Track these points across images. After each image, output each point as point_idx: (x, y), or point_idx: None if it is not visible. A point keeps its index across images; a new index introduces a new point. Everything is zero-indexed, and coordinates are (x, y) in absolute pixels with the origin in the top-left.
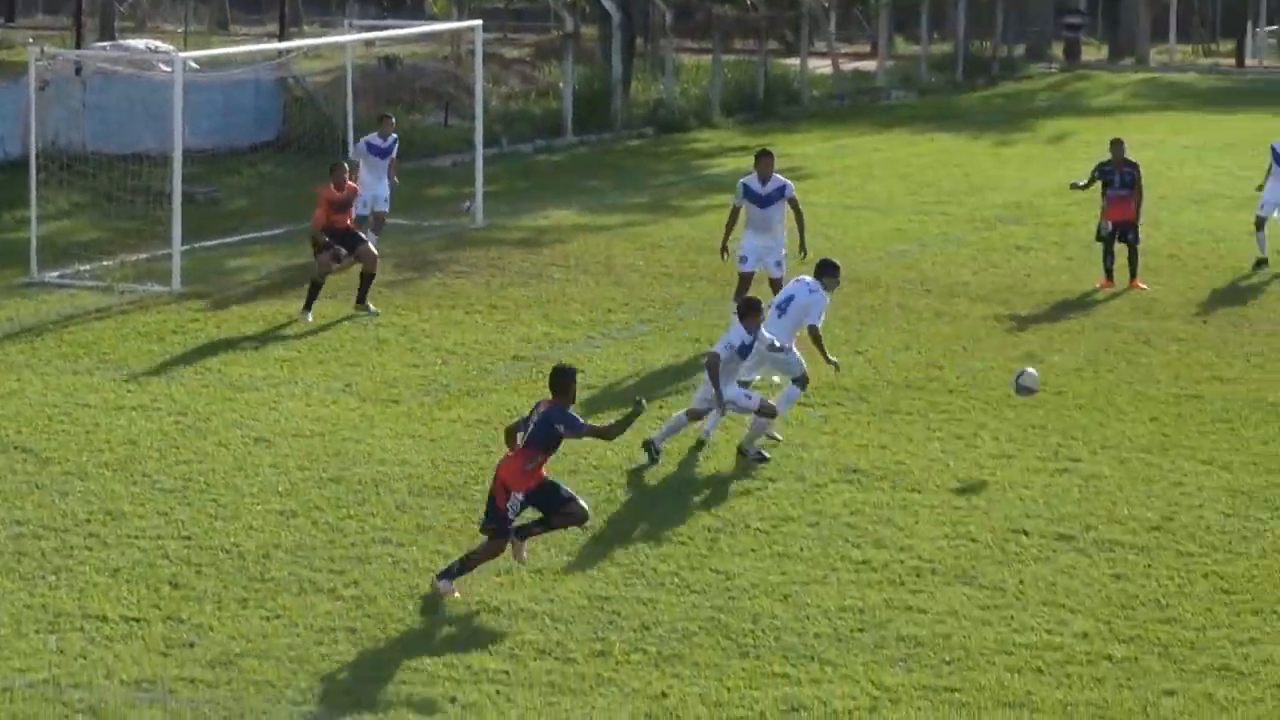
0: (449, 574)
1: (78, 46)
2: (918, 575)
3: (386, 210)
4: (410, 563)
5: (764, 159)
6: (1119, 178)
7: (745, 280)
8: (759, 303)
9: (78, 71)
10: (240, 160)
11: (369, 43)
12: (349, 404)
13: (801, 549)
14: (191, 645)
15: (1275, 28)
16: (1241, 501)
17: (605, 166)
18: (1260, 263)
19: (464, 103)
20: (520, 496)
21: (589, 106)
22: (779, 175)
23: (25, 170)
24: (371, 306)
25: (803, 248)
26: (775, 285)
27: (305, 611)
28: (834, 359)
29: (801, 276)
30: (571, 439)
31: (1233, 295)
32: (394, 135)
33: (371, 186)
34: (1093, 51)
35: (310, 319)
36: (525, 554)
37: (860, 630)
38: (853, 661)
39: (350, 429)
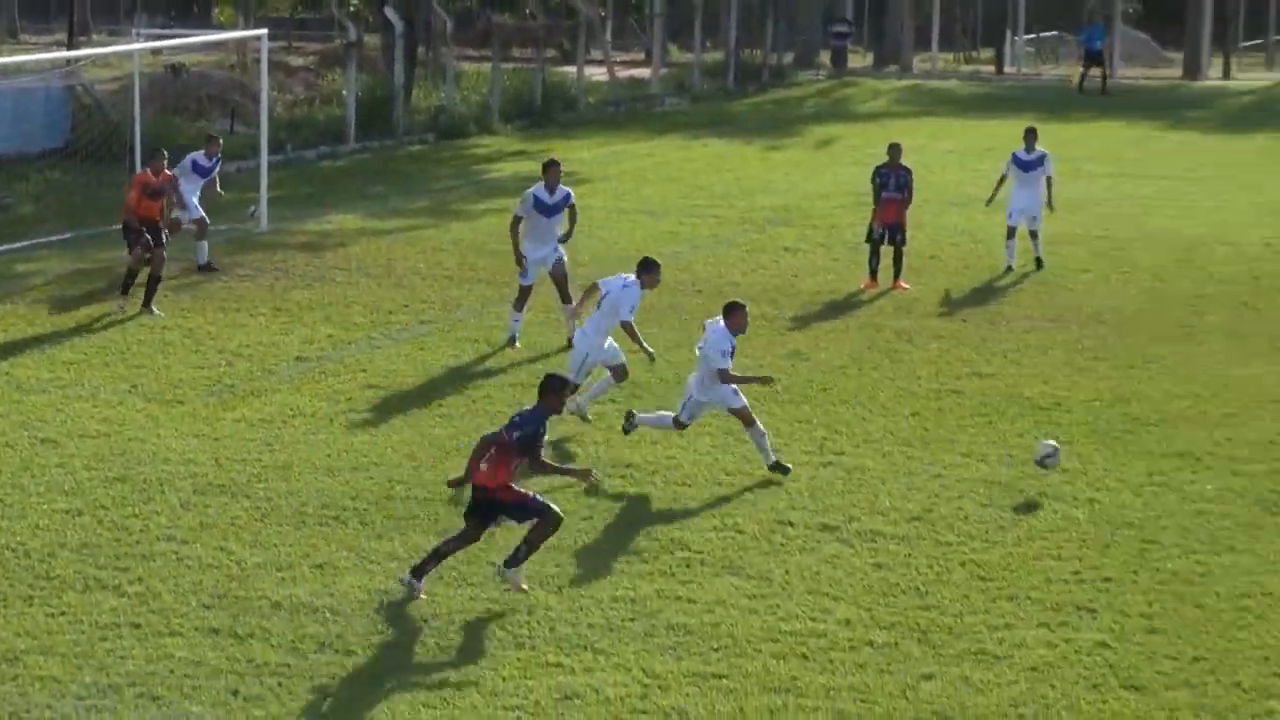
0: (513, 561)
1: None
2: (687, 566)
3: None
4: (194, 559)
5: (552, 168)
6: (894, 180)
7: (525, 292)
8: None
9: None
10: (29, 166)
11: (156, 51)
12: (135, 405)
13: (575, 542)
14: None
15: (1032, 36)
16: (998, 492)
17: (387, 172)
18: (1009, 269)
19: (249, 110)
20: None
21: (372, 113)
22: (561, 185)
23: None
24: (156, 310)
25: (565, 238)
26: (558, 279)
27: (90, 608)
28: (650, 349)
29: (621, 274)
30: (516, 442)
31: (990, 294)
32: (219, 156)
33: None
34: (859, 59)
35: (123, 306)
36: (523, 581)
37: (632, 620)
38: (624, 650)
39: (136, 429)
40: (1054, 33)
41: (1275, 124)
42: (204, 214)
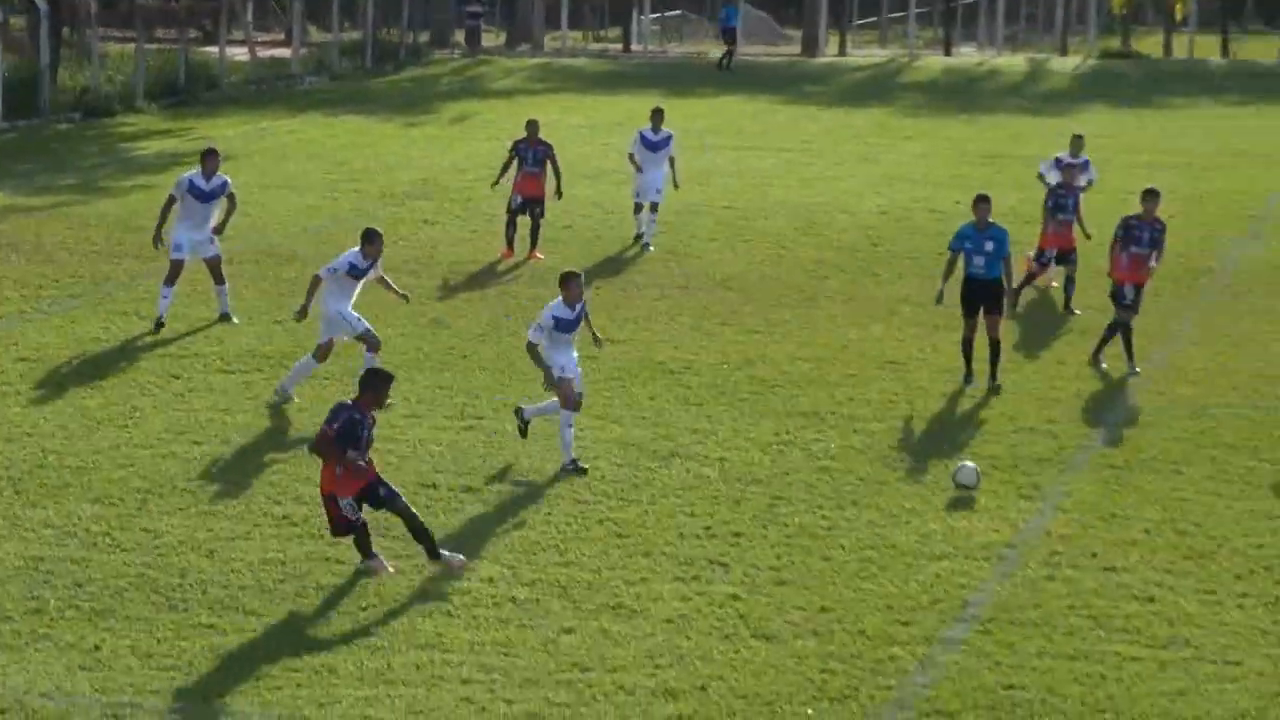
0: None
1: None
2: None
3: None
4: None
5: (210, 157)
6: (531, 155)
7: (177, 267)
8: (577, 275)
9: None
10: None
11: None
12: None
13: (227, 507)
14: None
15: (658, 15)
16: (632, 453)
17: (35, 151)
18: (639, 238)
19: None
20: (349, 500)
21: (18, 93)
22: (219, 173)
23: None
24: None
25: (220, 229)
26: (211, 265)
27: None
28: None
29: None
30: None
31: (621, 264)
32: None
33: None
34: (492, 39)
35: None
36: (458, 562)
37: (282, 581)
38: (276, 611)
39: None
40: (678, 12)
41: (888, 98)
42: None
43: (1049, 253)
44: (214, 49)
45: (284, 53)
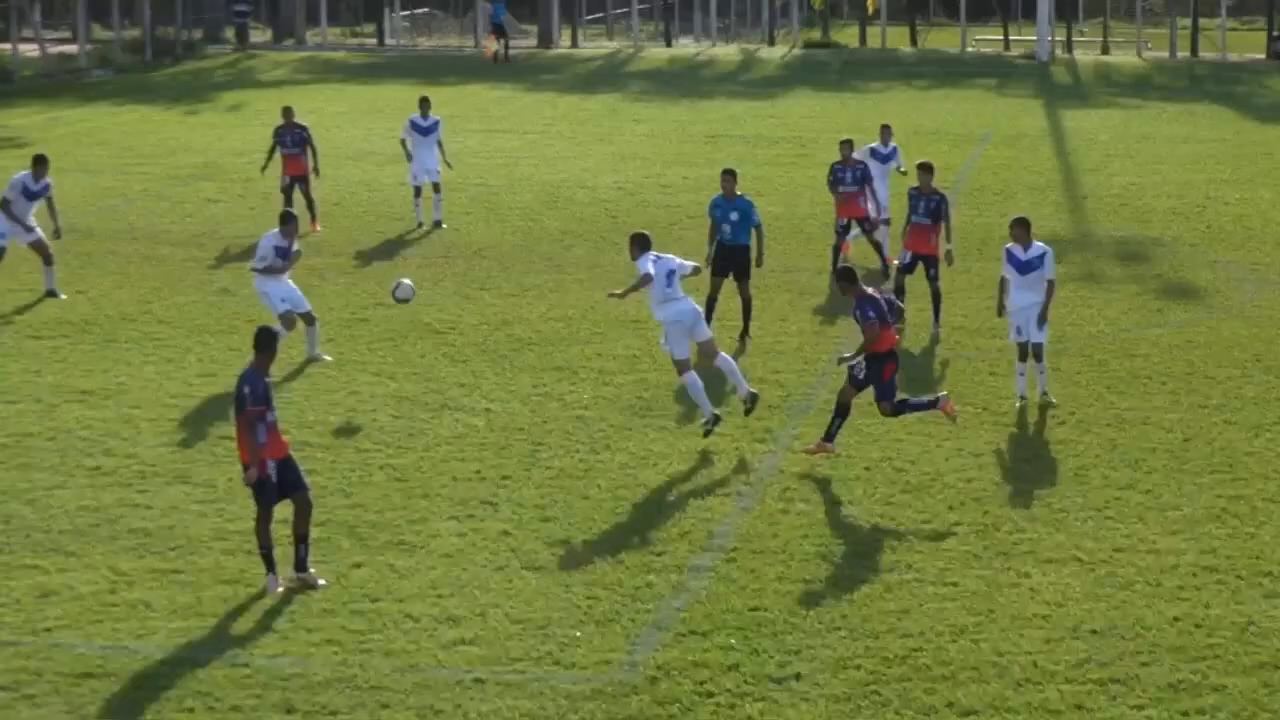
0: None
1: None
2: (143, 477)
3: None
4: None
5: (40, 163)
6: (289, 138)
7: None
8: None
9: None
10: None
11: None
12: None
13: (43, 460)
14: None
15: (408, 12)
16: (406, 406)
17: None
18: (434, 224)
19: None
20: (271, 464)
21: None
22: (49, 179)
23: None
24: None
25: (57, 233)
26: (39, 248)
27: None
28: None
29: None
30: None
31: (388, 237)
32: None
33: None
34: (260, 34)
35: None
36: (319, 584)
37: (97, 526)
38: (92, 552)
39: None
40: (426, 10)
41: (618, 85)
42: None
43: (841, 221)
44: (6, 45)
45: (71, 48)
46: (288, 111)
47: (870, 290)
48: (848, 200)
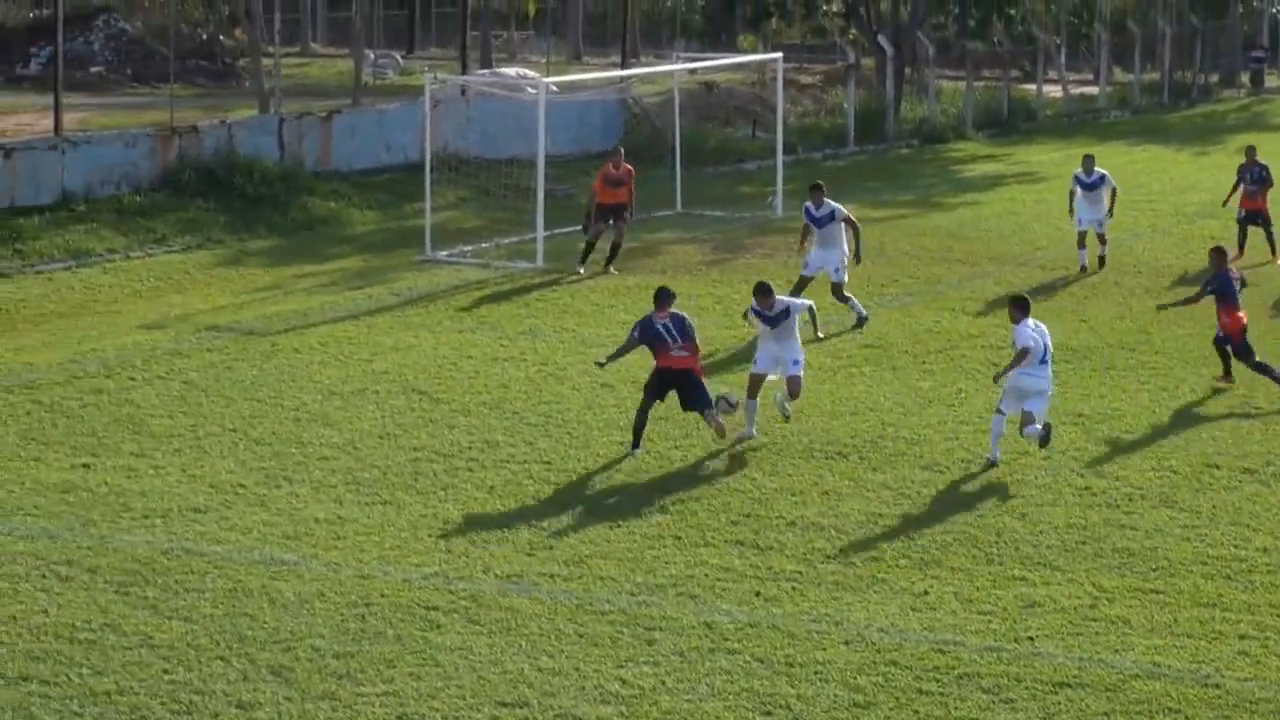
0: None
1: (463, 73)
2: (1129, 500)
3: (843, 280)
4: (724, 485)
5: (815, 191)
6: (1250, 174)
7: (804, 281)
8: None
9: (463, 93)
10: (590, 164)
11: (692, 70)
12: None
13: (1035, 478)
14: (550, 548)
15: None
16: None
17: (880, 171)
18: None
19: (768, 119)
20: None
21: (867, 122)
22: (830, 202)
23: (422, 171)
24: (614, 270)
25: (859, 256)
26: (836, 289)
27: (641, 523)
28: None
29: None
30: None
31: None
32: (829, 204)
33: (820, 256)
34: (1274, 80)
35: (583, 271)
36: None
37: (1083, 543)
38: (1077, 568)
39: None
40: None
41: None
42: (842, 278)
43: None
44: (1032, 86)
45: (1091, 90)
46: (1251, 150)
47: None
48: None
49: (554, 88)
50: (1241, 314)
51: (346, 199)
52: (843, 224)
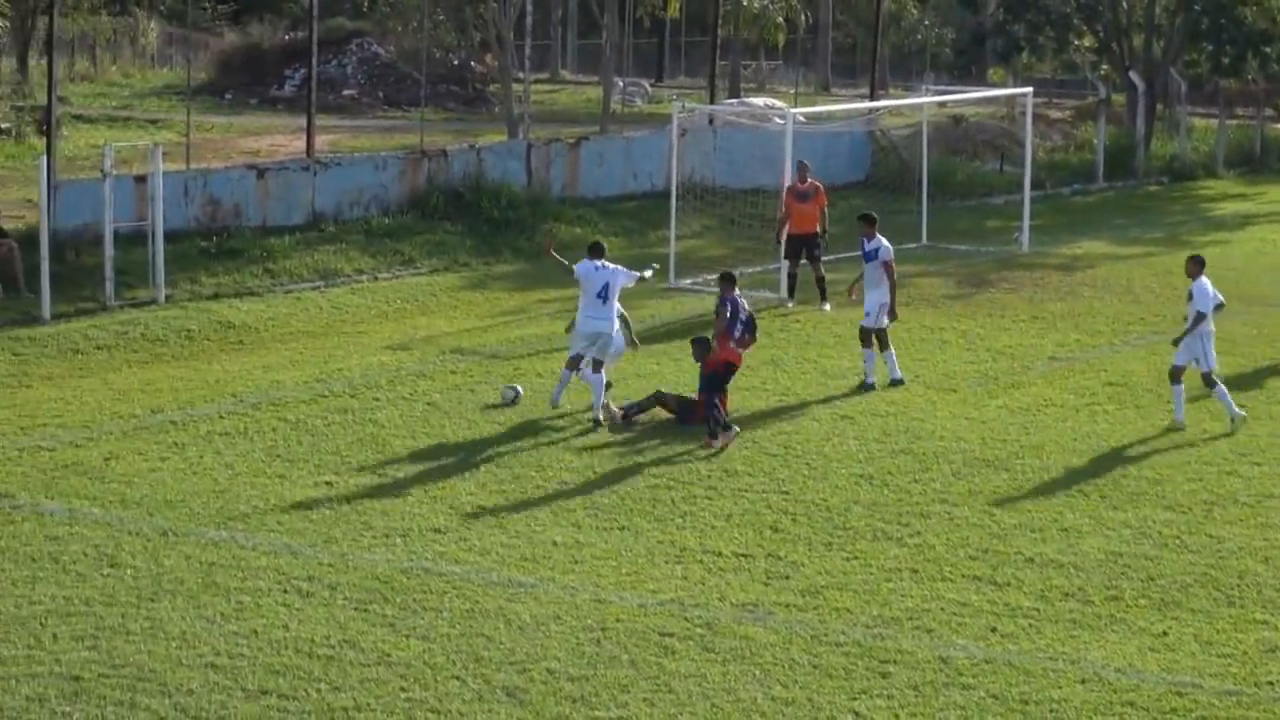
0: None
1: (711, 102)
2: None
3: (869, 325)
4: (962, 519)
5: (865, 223)
6: None
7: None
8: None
9: (710, 122)
10: (835, 195)
11: (942, 104)
12: (917, 391)
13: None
14: (787, 577)
15: None
16: None
17: (1128, 207)
18: None
19: (1015, 153)
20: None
21: (1116, 159)
22: (880, 238)
23: (667, 199)
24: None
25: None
26: (863, 333)
27: (877, 555)
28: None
29: None
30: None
31: None
32: (878, 239)
33: (868, 298)
34: None
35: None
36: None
37: None
38: None
39: (917, 411)
40: None
41: None
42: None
43: None
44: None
45: None
46: None
47: None
48: None
49: (801, 118)
50: None
51: (592, 225)
52: (882, 267)
